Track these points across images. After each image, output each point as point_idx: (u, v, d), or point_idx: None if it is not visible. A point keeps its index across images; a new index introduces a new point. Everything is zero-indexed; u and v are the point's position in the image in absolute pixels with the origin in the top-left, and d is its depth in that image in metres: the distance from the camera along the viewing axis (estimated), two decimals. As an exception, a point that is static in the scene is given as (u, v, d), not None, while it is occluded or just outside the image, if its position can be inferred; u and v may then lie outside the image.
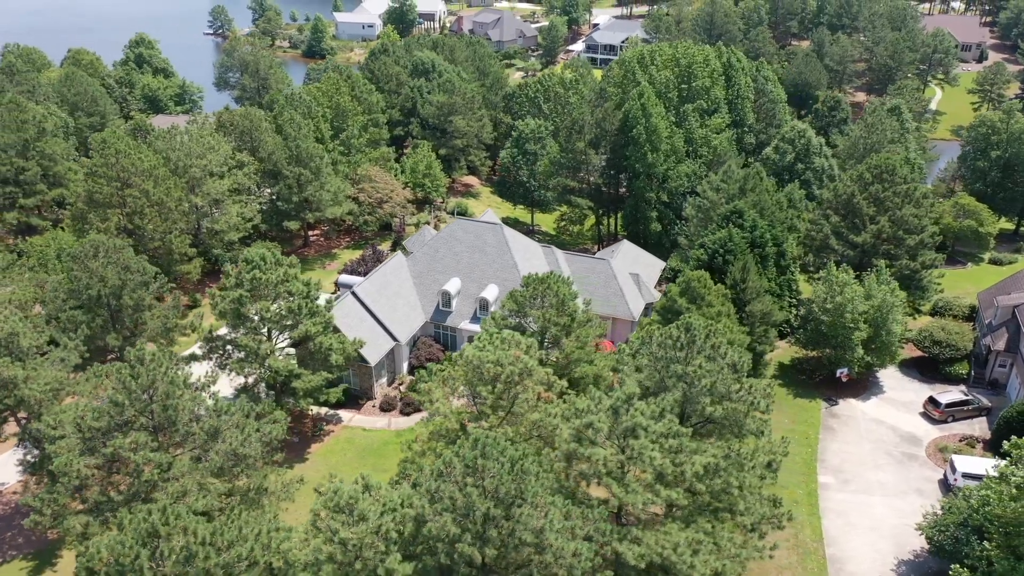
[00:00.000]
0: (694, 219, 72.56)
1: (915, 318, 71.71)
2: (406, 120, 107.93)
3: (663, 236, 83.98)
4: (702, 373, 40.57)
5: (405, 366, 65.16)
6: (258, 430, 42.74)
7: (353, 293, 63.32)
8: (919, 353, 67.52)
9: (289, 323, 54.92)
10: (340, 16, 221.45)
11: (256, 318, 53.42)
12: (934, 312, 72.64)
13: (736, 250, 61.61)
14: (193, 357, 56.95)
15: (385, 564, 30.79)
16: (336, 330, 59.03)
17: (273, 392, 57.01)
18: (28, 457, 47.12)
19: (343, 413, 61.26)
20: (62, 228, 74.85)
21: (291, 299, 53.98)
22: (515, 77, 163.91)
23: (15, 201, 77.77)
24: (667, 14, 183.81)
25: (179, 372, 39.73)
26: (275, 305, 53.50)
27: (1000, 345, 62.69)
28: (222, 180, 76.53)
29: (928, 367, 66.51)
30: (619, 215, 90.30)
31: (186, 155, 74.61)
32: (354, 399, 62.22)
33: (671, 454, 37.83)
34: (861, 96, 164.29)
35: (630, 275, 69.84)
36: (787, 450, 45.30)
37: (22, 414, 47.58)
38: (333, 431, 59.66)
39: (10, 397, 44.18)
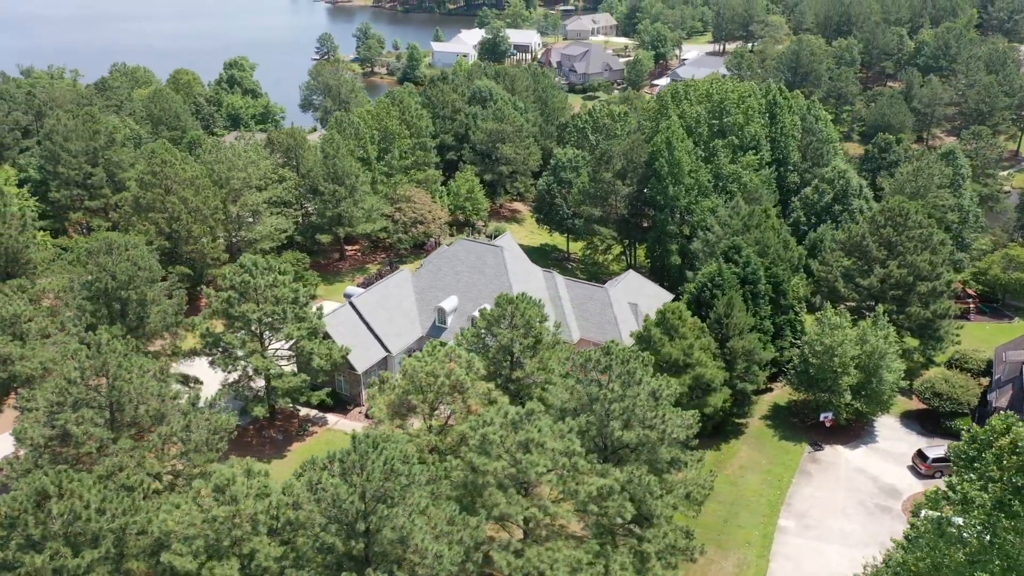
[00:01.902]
0: (701, 252, 72.39)
1: (928, 368, 68.85)
2: (459, 145, 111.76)
3: (684, 269, 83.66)
4: (614, 397, 41.24)
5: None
6: (207, 419, 46.32)
7: (351, 303, 66.68)
8: (923, 405, 64.80)
9: (278, 326, 58.72)
10: (437, 46, 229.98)
11: (248, 318, 57.33)
12: (950, 364, 69.43)
13: (724, 285, 61.32)
14: (193, 352, 61.96)
15: (251, 544, 33.16)
16: (327, 336, 62.49)
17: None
18: (23, 428, 52.25)
19: (330, 416, 64.42)
20: (120, 229, 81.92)
21: (277, 304, 57.65)
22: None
23: (82, 202, 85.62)
24: (751, 51, 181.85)
25: (133, 359, 43.70)
26: (261, 308, 57.21)
27: (1003, 402, 59.51)
28: (261, 192, 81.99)
29: (930, 420, 63.75)
30: (645, 246, 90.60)
31: (228, 168, 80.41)
32: (343, 404, 65.30)
33: (567, 472, 38.73)
34: (952, 140, 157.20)
35: (629, 304, 70.30)
36: (712, 484, 45.26)
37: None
38: (316, 432, 62.84)
39: (5, 372, 49.40)
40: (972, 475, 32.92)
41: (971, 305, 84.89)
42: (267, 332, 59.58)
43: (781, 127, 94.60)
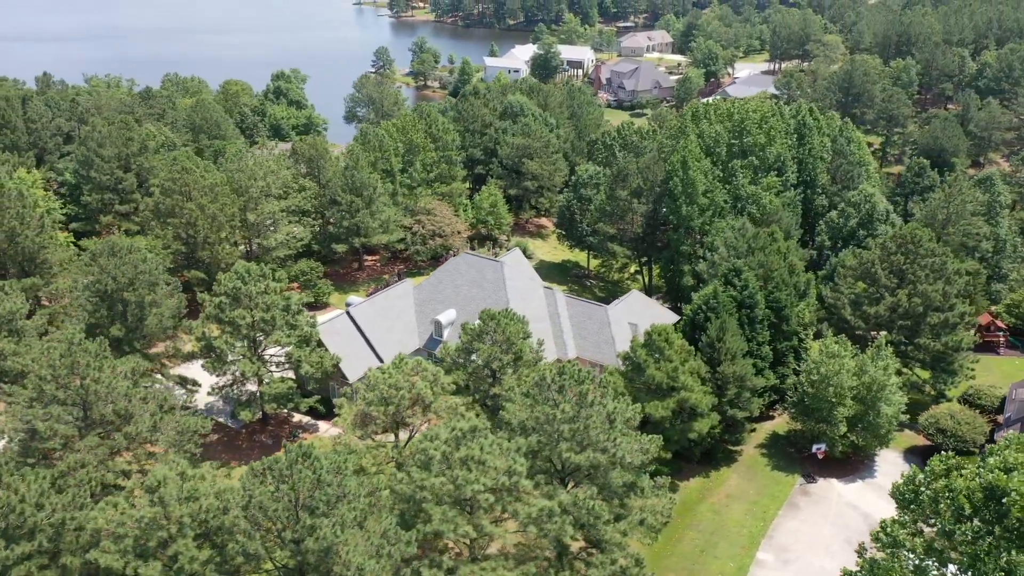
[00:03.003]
0: (706, 274, 71.03)
1: (940, 402, 65.98)
2: (488, 159, 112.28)
3: (696, 290, 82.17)
4: (564, 418, 40.61)
5: (393, 388, 68.09)
6: (177, 421, 47.38)
7: (348, 313, 67.45)
8: (929, 441, 62.07)
9: (268, 332, 59.80)
10: (489, 61, 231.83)
11: (237, 324, 58.52)
12: (963, 399, 66.37)
13: (719, 308, 59.97)
14: (192, 355, 63.63)
15: (175, 546, 33.69)
16: (320, 344, 63.34)
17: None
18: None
19: (322, 424, 65.14)
20: (144, 233, 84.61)
21: (267, 311, 58.69)
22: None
23: (112, 206, 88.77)
24: (802, 71, 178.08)
25: (105, 359, 45.00)
26: (251, 314, 58.29)
27: (1009, 442, 56.47)
28: (279, 201, 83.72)
29: (936, 457, 60.91)
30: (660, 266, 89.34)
31: (248, 177, 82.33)
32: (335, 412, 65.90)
33: (507, 492, 38.30)
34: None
35: (629, 324, 69.31)
36: (670, 512, 44.23)
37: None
38: (306, 439, 63.53)
39: (-4, 366, 51.51)
40: (906, 517, 31.43)
41: (1001, 339, 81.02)
42: (260, 337, 60.68)
43: (809, 148, 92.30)
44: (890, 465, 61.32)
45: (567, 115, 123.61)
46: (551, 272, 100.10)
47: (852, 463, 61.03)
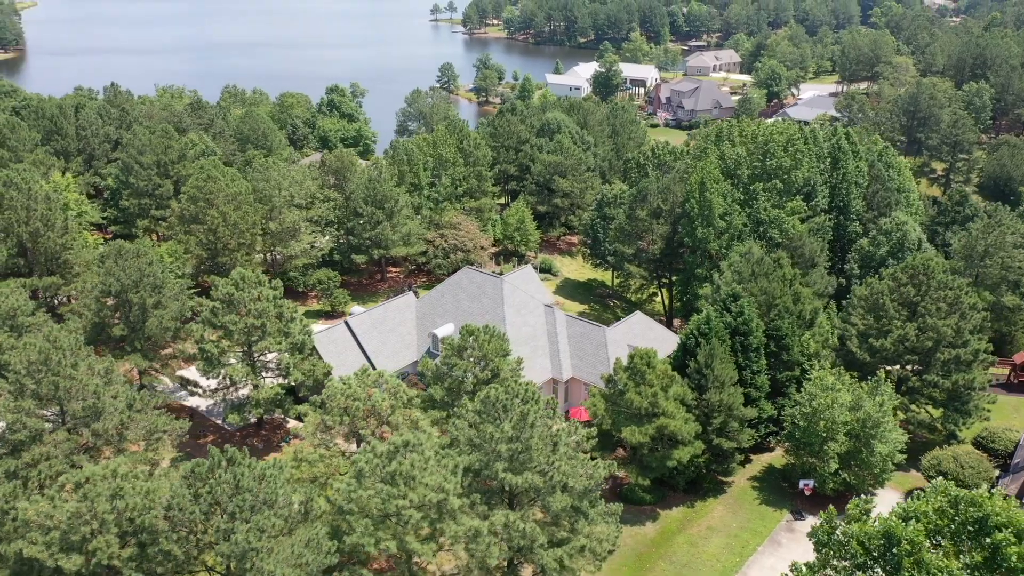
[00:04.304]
0: (711, 299, 69.21)
1: (951, 443, 62.48)
2: (522, 176, 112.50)
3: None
4: (502, 438, 40.12)
5: (388, 399, 68.57)
6: (147, 421, 48.77)
7: (346, 322, 68.36)
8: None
9: (260, 339, 61.12)
10: (551, 78, 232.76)
11: (229, 329, 60.03)
12: (976, 442, 62.71)
13: (710, 334, 58.37)
14: (191, 357, 65.52)
15: (95, 542, 34.63)
16: (313, 351, 64.38)
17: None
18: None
19: (314, 431, 65.99)
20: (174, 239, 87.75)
21: (259, 317, 59.97)
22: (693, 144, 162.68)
23: (148, 211, 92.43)
24: (865, 93, 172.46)
25: (82, 359, 46.73)
26: (242, 320, 59.67)
27: (1012, 490, 53.15)
28: (303, 211, 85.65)
29: (938, 501, 57.62)
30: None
31: (274, 187, 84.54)
32: (329, 420, 66.69)
33: (433, 509, 38.05)
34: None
35: (628, 346, 68.03)
36: (615, 540, 43.08)
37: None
38: (298, 443, 64.48)
39: (-6, 360, 53.96)
40: (816, 561, 29.88)
41: (1035, 379, 76.45)
42: (255, 340, 62.01)
43: (843, 173, 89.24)
44: (887, 507, 58.22)
45: (608, 133, 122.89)
46: (576, 290, 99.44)
47: (847, 501, 58.08)
